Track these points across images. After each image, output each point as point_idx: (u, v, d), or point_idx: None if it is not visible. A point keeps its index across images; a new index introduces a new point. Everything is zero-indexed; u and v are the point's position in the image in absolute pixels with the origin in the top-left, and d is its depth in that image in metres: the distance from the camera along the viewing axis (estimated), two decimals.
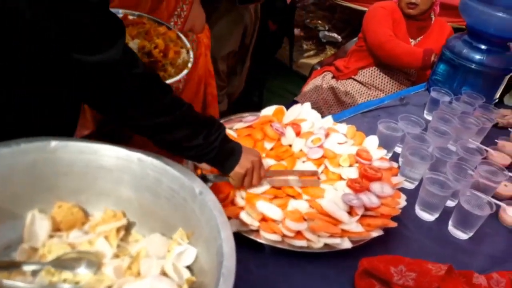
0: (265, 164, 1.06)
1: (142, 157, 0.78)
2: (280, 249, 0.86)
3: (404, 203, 1.00)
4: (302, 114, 1.29)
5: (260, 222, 0.88)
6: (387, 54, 2.01)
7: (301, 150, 1.16)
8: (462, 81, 1.66)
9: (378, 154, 1.15)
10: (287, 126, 1.20)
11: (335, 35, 4.97)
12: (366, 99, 2.15)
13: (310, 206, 0.95)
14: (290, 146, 1.17)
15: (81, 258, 0.71)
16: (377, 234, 0.92)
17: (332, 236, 0.88)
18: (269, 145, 1.15)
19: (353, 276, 0.86)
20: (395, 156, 1.29)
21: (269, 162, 1.07)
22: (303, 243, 0.86)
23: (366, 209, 0.96)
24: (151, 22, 1.15)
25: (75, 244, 0.74)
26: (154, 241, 0.75)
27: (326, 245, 0.88)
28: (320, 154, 1.13)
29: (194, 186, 0.74)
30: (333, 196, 0.98)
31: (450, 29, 2.15)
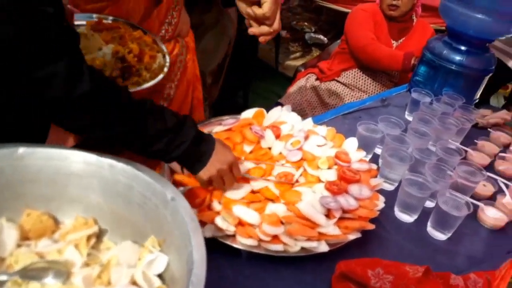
0: (244, 167, 1.05)
1: (113, 163, 0.76)
2: (256, 254, 0.85)
3: (382, 205, 1.00)
4: (282, 117, 1.29)
5: (236, 227, 0.86)
6: (368, 57, 2.02)
7: (280, 153, 1.15)
8: (442, 82, 1.67)
9: (357, 156, 1.15)
10: (267, 128, 1.19)
11: (321, 37, 4.99)
12: (349, 101, 2.15)
13: (288, 210, 0.95)
14: (270, 149, 1.16)
15: (49, 268, 0.69)
16: (354, 236, 0.91)
17: (309, 239, 0.87)
18: (248, 148, 1.14)
19: (330, 279, 0.85)
20: (375, 157, 1.29)
21: (247, 165, 1.06)
22: (280, 247, 0.85)
23: (344, 211, 0.95)
24: (127, 26, 1.14)
25: (44, 253, 0.73)
26: (125, 249, 0.74)
27: (303, 248, 0.87)
28: (299, 156, 1.12)
29: (166, 192, 0.73)
30: (311, 199, 0.97)
31: (432, 30, 2.17)
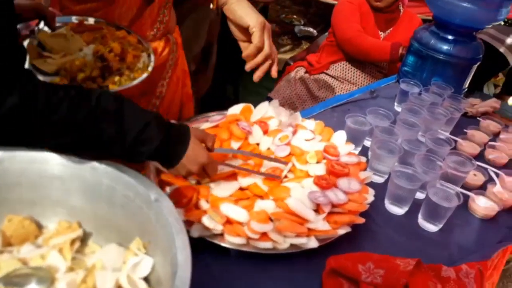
0: (231, 164, 1.04)
1: (95, 164, 0.74)
2: (245, 252, 0.84)
3: (372, 198, 0.99)
4: (270, 112, 1.27)
5: (224, 225, 0.85)
6: (356, 49, 2.01)
7: (268, 149, 1.14)
8: (431, 72, 1.66)
9: (346, 149, 1.14)
10: (255, 124, 1.18)
11: (311, 30, 4.98)
12: (339, 93, 2.14)
13: (277, 206, 0.93)
14: (258, 144, 1.15)
15: (32, 274, 0.68)
16: (344, 231, 0.90)
17: (298, 235, 0.86)
18: (236, 144, 1.12)
19: (321, 276, 0.85)
20: (365, 150, 1.28)
21: (234, 163, 1.04)
22: (269, 245, 0.84)
23: (333, 206, 0.94)
24: (110, 27, 1.12)
25: (27, 259, 0.71)
26: (110, 252, 0.72)
27: (292, 245, 0.86)
28: (287, 151, 1.11)
29: (150, 193, 0.71)
30: (300, 194, 0.96)
31: (419, 20, 2.16)
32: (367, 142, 1.30)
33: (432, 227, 1.04)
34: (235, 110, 1.25)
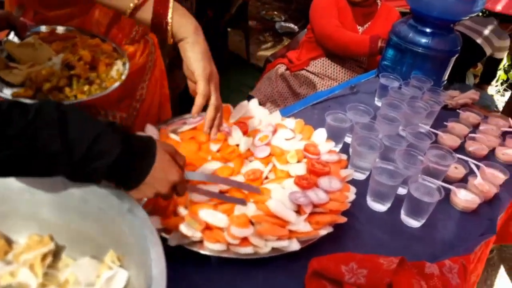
0: (210, 167, 1.02)
1: None
2: (226, 258, 0.82)
3: (353, 197, 0.98)
4: (250, 111, 1.25)
5: (204, 232, 0.83)
6: (335, 44, 2.00)
7: (248, 150, 1.12)
8: (410, 65, 1.66)
9: (327, 147, 1.12)
10: (234, 125, 1.16)
11: (292, 26, 4.97)
12: (320, 89, 2.13)
13: (258, 208, 0.91)
14: (237, 146, 1.13)
15: None
16: (326, 231, 0.89)
17: (279, 239, 0.84)
18: (215, 146, 1.10)
19: (304, 279, 0.83)
20: (346, 146, 1.27)
21: (214, 166, 1.02)
22: (249, 250, 0.82)
23: (314, 206, 0.93)
24: (83, 35, 1.08)
25: None
26: (83, 266, 0.70)
27: (274, 249, 0.84)
28: (267, 152, 1.09)
29: (123, 203, 0.69)
30: (280, 195, 0.94)
31: (397, 13, 2.16)
32: (348, 139, 1.29)
33: (414, 223, 1.04)
34: None
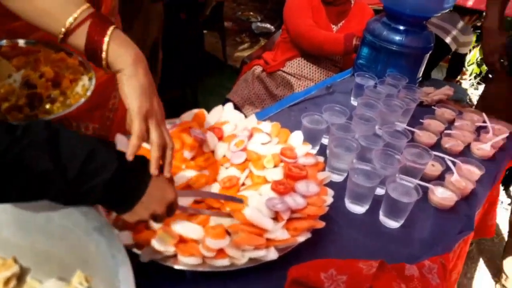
0: (184, 176, 0.99)
1: None
2: (202, 272, 0.79)
3: (331, 200, 0.96)
4: (225, 116, 1.23)
5: (178, 245, 0.80)
6: (309, 44, 1.99)
7: (224, 156, 1.09)
8: (385, 63, 1.66)
9: (303, 150, 1.11)
10: (208, 131, 1.13)
11: (268, 26, 4.96)
12: (297, 90, 2.12)
13: (234, 217, 0.89)
14: (213, 152, 1.10)
15: None
16: (304, 238, 0.87)
17: (256, 248, 0.82)
18: (189, 154, 1.07)
19: None
20: (323, 148, 1.26)
21: (188, 174, 0.99)
22: (226, 262, 0.79)
23: (292, 211, 0.91)
24: (48, 49, 1.02)
25: None
26: None
27: (251, 259, 0.81)
28: (243, 157, 1.07)
29: (89, 221, 0.66)
30: (257, 202, 0.92)
31: (371, 11, 2.17)
32: (325, 140, 1.28)
33: (393, 223, 1.03)
34: (187, 117, 1.19)
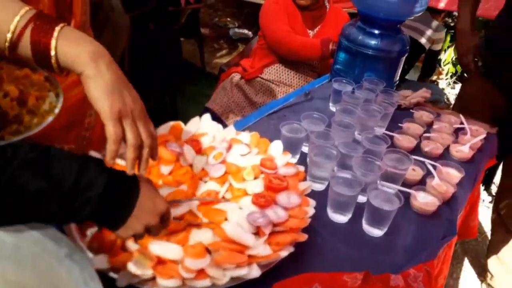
0: (162, 193, 0.95)
1: None
2: None
3: (312, 211, 0.95)
4: (202, 128, 1.20)
5: (156, 267, 0.77)
6: (286, 50, 1.98)
7: (203, 169, 1.06)
8: (362, 67, 1.66)
9: (283, 160, 1.09)
10: (185, 144, 1.10)
11: (246, 31, 4.95)
12: (276, 96, 2.11)
13: (215, 233, 0.87)
14: (191, 166, 1.07)
15: None
16: (287, 252, 0.85)
17: (238, 266, 0.79)
18: (166, 169, 1.04)
19: None
20: (304, 156, 1.24)
21: (165, 191, 0.96)
22: (207, 283, 0.76)
23: (274, 225, 0.89)
24: (10, 65, 0.97)
25: None
26: None
27: (233, 278, 0.79)
28: (222, 170, 1.05)
29: (60, 248, 0.62)
30: (238, 217, 0.90)
31: (346, 14, 2.17)
32: (305, 148, 1.26)
33: (377, 232, 1.02)
34: (164, 129, 1.17)
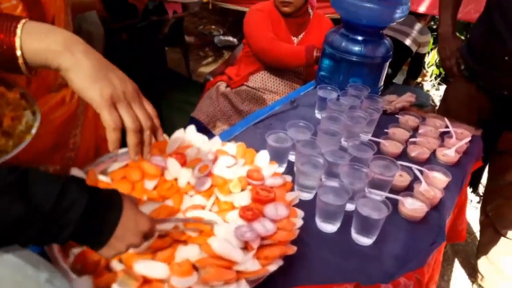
0: (146, 209, 0.93)
1: None
2: None
3: (301, 222, 0.93)
4: (187, 140, 1.18)
5: (141, 287, 0.75)
6: (271, 58, 1.98)
7: (188, 183, 1.05)
8: (347, 73, 1.66)
9: (270, 170, 1.08)
10: (169, 157, 1.08)
11: (231, 39, 4.95)
12: (262, 104, 2.10)
13: (202, 249, 0.85)
14: (176, 180, 1.06)
15: None
16: (276, 266, 0.83)
17: (226, 283, 0.78)
18: (150, 184, 1.02)
19: None
20: (291, 165, 1.23)
21: (150, 207, 0.94)
22: None
23: (262, 238, 0.87)
24: None
25: None
26: None
27: None
28: (208, 184, 1.03)
29: (40, 273, 0.60)
30: (225, 232, 0.88)
31: (329, 21, 2.18)
32: (292, 157, 1.25)
33: (366, 240, 1.01)
34: None
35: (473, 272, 2.12)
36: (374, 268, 0.94)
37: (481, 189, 2.68)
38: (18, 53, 0.61)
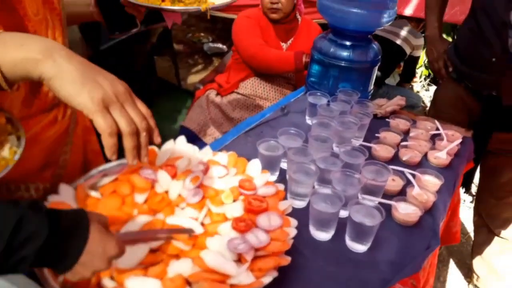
0: (136, 224, 0.92)
1: None
2: None
3: (294, 232, 0.93)
4: (177, 151, 1.17)
5: None
6: (260, 64, 1.98)
7: (179, 195, 1.03)
8: (336, 78, 1.66)
9: (262, 179, 1.07)
10: (160, 169, 1.07)
11: (220, 46, 4.94)
12: (254, 111, 2.10)
13: (195, 263, 0.83)
14: (167, 193, 1.04)
15: None
16: (270, 278, 0.82)
17: None
18: (141, 197, 1.00)
19: None
20: (283, 172, 1.22)
21: (141, 221, 0.92)
22: None
23: (256, 249, 0.86)
24: None
25: None
26: None
27: None
28: (200, 195, 1.01)
29: None
30: (217, 245, 0.87)
31: (317, 26, 2.19)
32: (284, 164, 1.24)
33: (360, 247, 1.00)
34: None
35: (468, 272, 2.12)
36: (369, 275, 0.94)
37: (473, 188, 2.69)
38: None
